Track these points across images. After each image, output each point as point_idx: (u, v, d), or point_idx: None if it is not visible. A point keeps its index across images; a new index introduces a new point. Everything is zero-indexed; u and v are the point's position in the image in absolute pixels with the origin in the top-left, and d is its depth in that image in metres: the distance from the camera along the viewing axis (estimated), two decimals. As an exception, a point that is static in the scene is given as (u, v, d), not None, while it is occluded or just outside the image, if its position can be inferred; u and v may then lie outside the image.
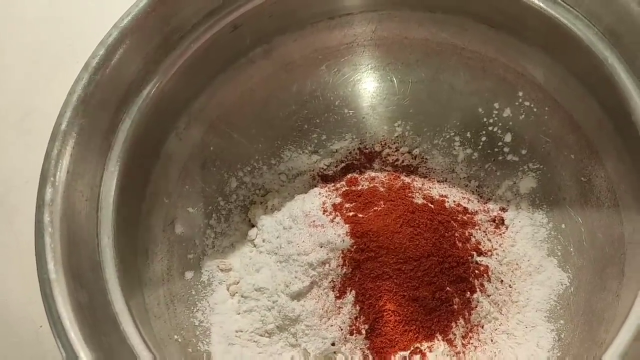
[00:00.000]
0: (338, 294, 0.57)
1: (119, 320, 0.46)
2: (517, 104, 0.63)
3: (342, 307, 0.57)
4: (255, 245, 0.65)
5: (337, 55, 0.68)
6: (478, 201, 0.64)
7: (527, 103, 0.63)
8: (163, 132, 0.60)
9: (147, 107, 0.55)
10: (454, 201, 0.62)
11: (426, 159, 0.67)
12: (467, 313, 0.57)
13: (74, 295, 0.44)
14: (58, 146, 0.48)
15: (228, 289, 0.63)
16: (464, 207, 0.62)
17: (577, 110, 0.58)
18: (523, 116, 0.63)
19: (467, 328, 0.57)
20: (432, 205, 0.60)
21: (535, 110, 0.62)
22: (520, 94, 0.63)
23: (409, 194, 0.61)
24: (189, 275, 0.62)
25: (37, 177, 0.51)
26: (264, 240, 0.64)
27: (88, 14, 0.87)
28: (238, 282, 0.63)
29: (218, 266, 0.64)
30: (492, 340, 0.57)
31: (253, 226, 0.66)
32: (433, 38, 0.65)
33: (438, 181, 0.65)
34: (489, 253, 0.60)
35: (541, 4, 0.54)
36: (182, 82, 0.58)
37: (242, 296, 0.62)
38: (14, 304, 0.72)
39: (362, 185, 0.63)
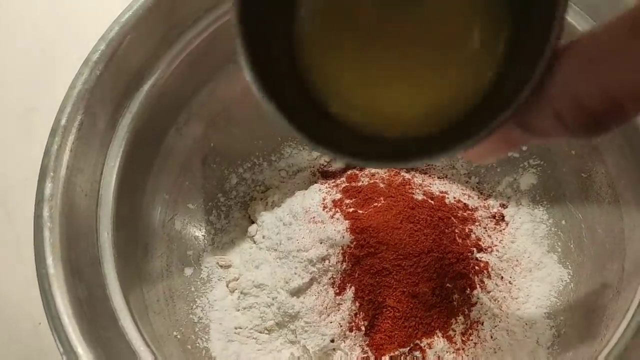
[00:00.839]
0: (338, 290, 0.57)
1: (117, 315, 0.46)
2: (517, 99, 0.63)
3: (341, 304, 0.57)
4: (255, 242, 0.65)
5: (337, 51, 0.67)
6: (478, 197, 0.64)
7: (527, 98, 0.62)
8: (163, 127, 0.60)
9: (147, 103, 0.55)
10: (454, 197, 0.62)
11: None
12: (466, 309, 0.57)
13: (72, 290, 0.44)
14: (58, 141, 0.48)
15: (227, 286, 0.63)
16: (464, 204, 0.62)
17: (577, 106, 0.58)
18: (523, 112, 0.63)
19: (467, 324, 0.57)
20: (432, 202, 0.60)
21: (535, 106, 0.62)
22: (521, 89, 0.62)
23: (409, 190, 0.61)
24: (188, 271, 0.62)
25: (37, 174, 0.50)
26: (264, 237, 0.64)
27: (89, 11, 0.87)
28: (238, 279, 0.63)
29: (218, 262, 0.64)
30: (492, 337, 0.57)
31: (253, 222, 0.66)
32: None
33: (438, 177, 0.65)
34: (489, 249, 0.60)
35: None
36: (182, 77, 0.58)
37: (241, 293, 0.62)
38: (13, 301, 0.72)
39: (362, 182, 0.63)
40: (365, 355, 0.56)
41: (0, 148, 0.81)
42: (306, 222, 0.60)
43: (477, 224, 0.61)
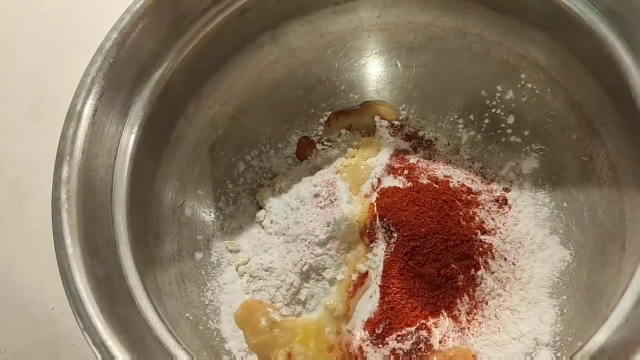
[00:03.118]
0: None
1: (134, 294, 0.48)
2: (519, 86, 0.64)
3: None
4: (263, 227, 0.66)
5: (342, 40, 0.69)
6: (481, 182, 0.65)
7: (529, 85, 0.64)
8: (173, 115, 0.61)
9: (158, 90, 0.57)
10: (458, 182, 0.63)
11: (430, 141, 0.68)
12: (471, 290, 0.58)
13: (90, 270, 0.45)
14: (73, 126, 0.50)
15: (237, 270, 0.64)
16: (468, 188, 0.63)
17: (578, 91, 0.59)
18: (525, 98, 0.64)
19: (472, 304, 0.58)
20: (437, 185, 0.61)
21: (537, 92, 0.63)
22: (523, 76, 0.64)
23: (414, 174, 0.62)
24: (198, 255, 0.63)
25: (47, 164, 0.52)
26: (271, 222, 0.65)
27: (96, 5, 0.89)
28: (247, 263, 0.64)
29: (227, 247, 0.65)
30: (496, 316, 0.58)
31: (261, 208, 0.67)
32: (436, 22, 0.66)
33: (442, 162, 0.66)
34: (493, 232, 0.61)
35: (543, -14, 0.55)
36: (192, 66, 0.60)
37: (250, 276, 0.63)
38: (27, 287, 0.74)
39: (369, 166, 0.64)
40: (374, 334, 0.57)
41: (10, 138, 0.83)
42: (313, 206, 0.61)
43: (480, 207, 0.62)
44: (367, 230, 0.60)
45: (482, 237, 0.60)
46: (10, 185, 0.79)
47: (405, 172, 0.63)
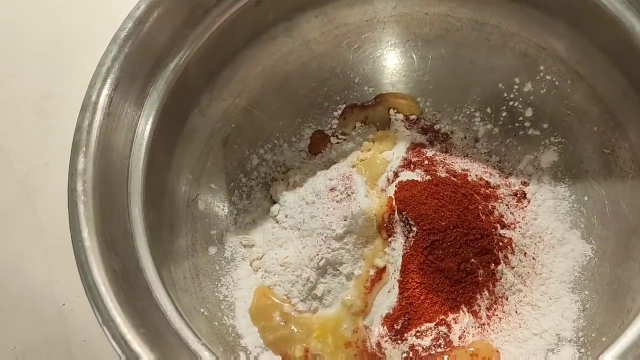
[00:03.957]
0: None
1: (151, 287, 0.47)
2: (538, 78, 0.63)
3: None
4: (277, 221, 0.65)
5: (357, 32, 0.68)
6: (499, 175, 0.64)
7: (548, 77, 0.63)
8: (187, 107, 0.60)
9: (173, 81, 0.56)
10: (476, 175, 0.62)
11: (447, 134, 0.67)
12: (491, 285, 0.57)
13: (108, 262, 0.45)
14: (89, 117, 0.49)
15: (251, 265, 0.63)
16: (486, 181, 0.62)
17: (600, 82, 0.58)
18: (544, 90, 0.63)
19: (492, 300, 0.57)
20: (455, 179, 0.60)
21: (557, 83, 0.62)
22: (542, 67, 0.63)
23: (432, 168, 0.61)
24: (212, 250, 0.62)
25: (56, 159, 0.50)
26: (286, 216, 0.64)
27: (104, 1, 0.88)
28: (261, 258, 0.63)
29: (241, 242, 0.64)
30: (516, 312, 0.57)
31: (275, 202, 0.66)
32: (453, 13, 0.65)
33: (459, 156, 0.65)
34: (512, 226, 0.60)
35: (565, -25, 0.54)
36: (206, 57, 0.59)
37: (265, 271, 0.62)
38: (37, 284, 0.73)
39: (386, 159, 0.63)
40: (392, 330, 0.56)
41: (19, 134, 0.82)
42: (329, 200, 0.60)
43: (499, 201, 0.61)
44: (385, 224, 0.59)
45: (501, 231, 0.59)
46: (20, 181, 0.78)
47: (423, 165, 0.62)
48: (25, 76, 0.85)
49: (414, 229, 0.56)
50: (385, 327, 0.57)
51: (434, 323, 0.56)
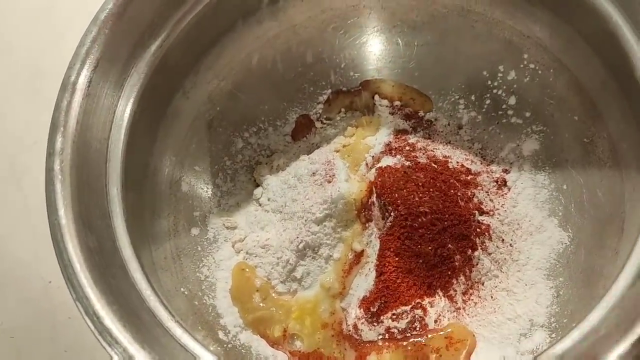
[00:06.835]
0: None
1: (127, 267, 0.47)
2: (522, 66, 0.63)
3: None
4: (260, 204, 0.66)
5: (343, 17, 0.68)
6: (481, 163, 0.64)
7: (532, 65, 0.63)
8: (170, 89, 0.60)
9: (155, 63, 0.56)
10: (458, 162, 0.63)
11: (430, 121, 0.67)
12: (467, 270, 0.58)
13: (83, 240, 0.45)
14: (67, 97, 0.49)
15: (233, 246, 0.64)
16: (467, 168, 0.63)
17: (582, 72, 0.58)
18: (528, 79, 0.63)
19: (468, 285, 0.58)
20: (436, 165, 0.61)
21: (540, 72, 0.62)
22: (526, 56, 0.63)
23: (413, 154, 0.61)
24: (195, 231, 0.63)
25: (45, 139, 0.51)
26: (269, 199, 0.65)
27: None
28: (243, 240, 0.64)
29: (224, 224, 0.65)
30: (492, 297, 0.58)
31: (258, 186, 0.67)
32: (440, 0, 0.65)
33: (442, 143, 0.65)
34: (491, 213, 0.61)
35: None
36: (190, 39, 0.59)
37: (247, 253, 0.63)
38: (24, 261, 0.74)
39: (367, 144, 0.64)
40: (369, 313, 0.57)
41: (8, 113, 0.82)
42: (310, 184, 0.61)
43: (479, 188, 0.62)
44: (364, 209, 0.59)
45: (480, 217, 0.60)
46: (8, 161, 0.79)
47: (404, 151, 0.62)
48: (14, 55, 0.85)
49: (392, 213, 0.57)
50: (362, 310, 0.57)
51: (410, 306, 0.57)
